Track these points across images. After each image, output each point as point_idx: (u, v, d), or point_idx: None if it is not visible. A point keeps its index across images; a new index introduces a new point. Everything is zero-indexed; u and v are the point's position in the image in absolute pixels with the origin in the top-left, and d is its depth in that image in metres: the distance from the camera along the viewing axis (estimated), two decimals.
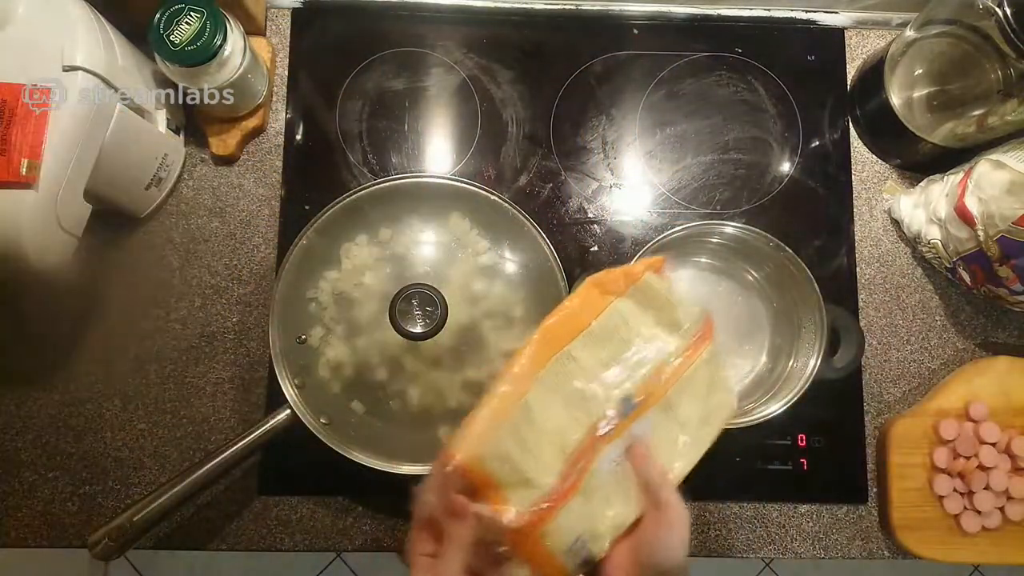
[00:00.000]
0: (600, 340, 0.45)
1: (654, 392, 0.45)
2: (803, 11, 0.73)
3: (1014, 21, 0.52)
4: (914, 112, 0.66)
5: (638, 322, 0.46)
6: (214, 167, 0.68)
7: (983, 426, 0.62)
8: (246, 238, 0.68)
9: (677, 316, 0.46)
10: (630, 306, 0.46)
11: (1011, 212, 0.54)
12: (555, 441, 0.42)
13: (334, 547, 0.64)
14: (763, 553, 0.65)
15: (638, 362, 0.45)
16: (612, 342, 0.45)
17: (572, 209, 0.69)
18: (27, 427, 0.64)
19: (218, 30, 0.57)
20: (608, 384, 0.44)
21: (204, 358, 0.65)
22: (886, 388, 0.67)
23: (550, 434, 0.42)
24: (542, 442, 0.42)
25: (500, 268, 0.60)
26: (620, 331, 0.45)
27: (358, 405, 0.58)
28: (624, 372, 0.45)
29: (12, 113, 0.49)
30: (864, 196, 0.70)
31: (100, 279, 0.65)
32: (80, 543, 0.62)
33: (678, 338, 0.46)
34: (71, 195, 0.53)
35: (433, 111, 0.70)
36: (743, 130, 0.71)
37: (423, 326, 0.53)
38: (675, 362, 0.46)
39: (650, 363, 0.45)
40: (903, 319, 0.68)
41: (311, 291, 0.59)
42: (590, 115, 0.71)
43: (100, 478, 0.63)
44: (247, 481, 0.64)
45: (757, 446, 0.65)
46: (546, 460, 0.42)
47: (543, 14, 0.72)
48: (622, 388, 0.44)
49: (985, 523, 0.61)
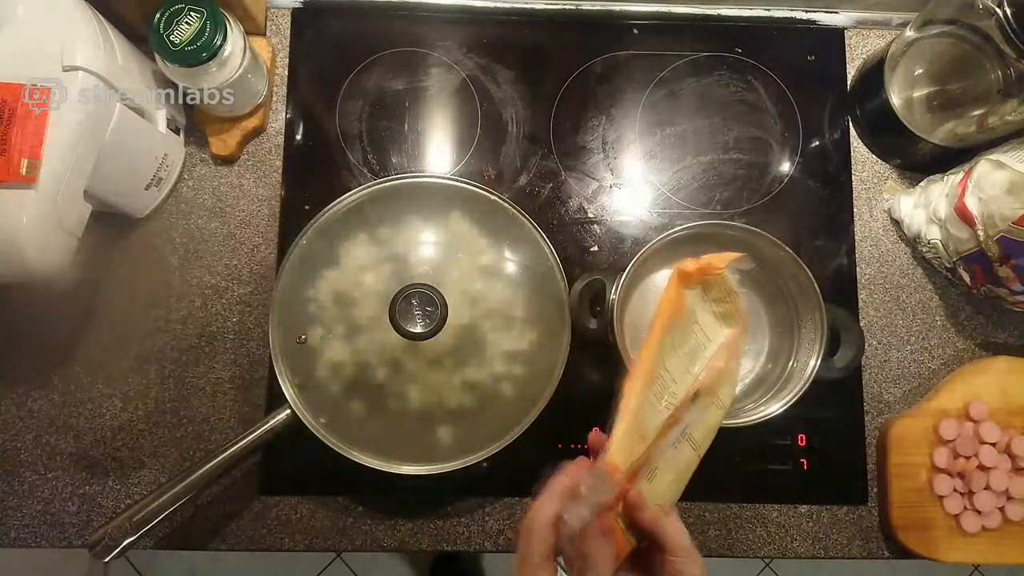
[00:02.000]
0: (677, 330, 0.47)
1: (712, 379, 0.46)
2: (803, 11, 0.73)
3: (1014, 21, 0.52)
4: (914, 112, 0.66)
5: (702, 311, 0.48)
6: (214, 167, 0.69)
7: (983, 426, 0.62)
8: (246, 238, 0.68)
9: (733, 308, 0.48)
10: (696, 296, 0.48)
11: (1011, 212, 0.54)
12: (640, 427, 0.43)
13: (334, 547, 0.64)
14: (763, 553, 0.65)
15: (698, 350, 0.47)
16: (680, 330, 0.47)
17: (572, 209, 0.69)
18: (27, 427, 0.64)
19: (218, 30, 0.57)
20: (678, 371, 0.46)
21: (204, 358, 0.65)
22: (886, 388, 0.67)
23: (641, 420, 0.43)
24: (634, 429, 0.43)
25: (500, 268, 0.60)
26: (690, 322, 0.47)
27: (358, 405, 0.58)
28: (689, 359, 0.47)
29: (12, 113, 0.49)
30: (864, 196, 0.70)
31: (100, 279, 0.65)
32: (80, 543, 0.62)
33: (728, 329, 0.49)
34: (71, 195, 0.53)
35: (433, 111, 0.70)
36: (743, 130, 0.71)
37: (423, 326, 0.53)
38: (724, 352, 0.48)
39: (708, 351, 0.47)
40: (903, 319, 0.68)
41: (311, 291, 0.59)
42: (590, 115, 0.71)
43: (100, 478, 0.63)
44: (247, 481, 0.64)
45: (757, 446, 0.65)
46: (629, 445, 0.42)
47: (543, 14, 0.72)
48: (689, 375, 0.46)
49: (985, 523, 0.61)
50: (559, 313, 0.60)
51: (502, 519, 0.64)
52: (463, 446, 0.57)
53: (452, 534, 0.64)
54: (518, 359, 0.58)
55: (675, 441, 0.45)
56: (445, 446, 0.57)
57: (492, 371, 0.58)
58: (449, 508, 0.64)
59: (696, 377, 0.46)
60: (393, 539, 0.63)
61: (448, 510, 0.64)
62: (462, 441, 0.57)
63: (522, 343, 0.58)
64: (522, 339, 0.58)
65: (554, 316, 0.60)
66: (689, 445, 0.46)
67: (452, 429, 0.58)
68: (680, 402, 0.45)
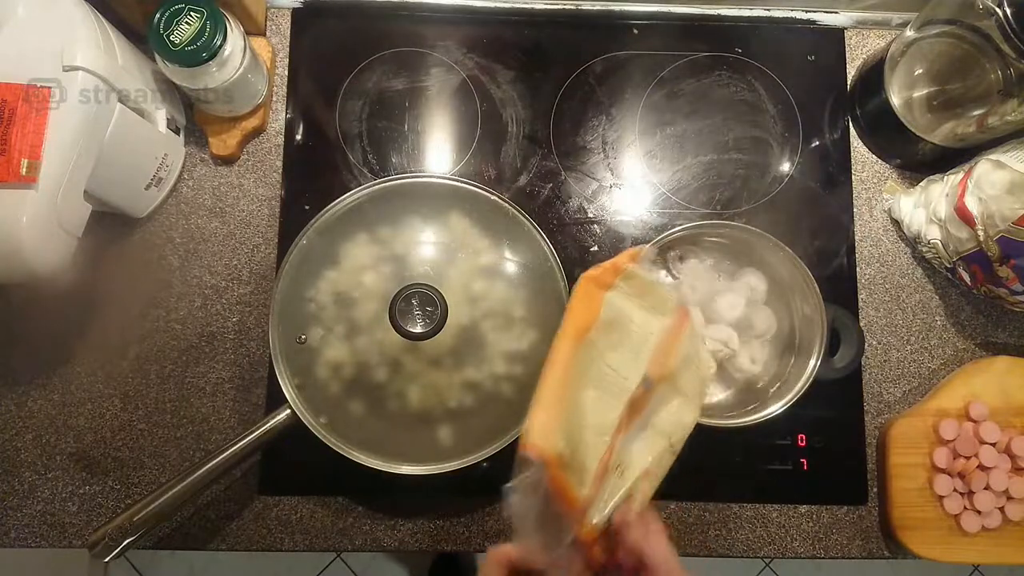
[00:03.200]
0: (607, 328, 0.49)
1: (663, 368, 0.49)
2: (803, 11, 0.73)
3: (1014, 21, 0.52)
4: (914, 112, 0.66)
5: (631, 308, 0.51)
6: (214, 167, 0.69)
7: (983, 426, 0.62)
8: (246, 238, 0.68)
9: (660, 298, 0.52)
10: (620, 296, 0.51)
11: (1011, 212, 0.54)
12: (594, 424, 0.46)
13: (334, 547, 0.64)
14: (763, 553, 0.65)
15: (640, 343, 0.50)
16: (616, 329, 0.50)
17: (572, 209, 0.69)
18: (27, 427, 0.64)
19: (218, 30, 0.57)
20: (624, 366, 0.48)
21: (204, 358, 0.65)
22: (886, 388, 0.67)
23: (590, 417, 0.46)
24: (585, 426, 0.46)
25: (500, 268, 0.60)
26: (620, 318, 0.50)
27: (358, 405, 0.57)
28: (632, 353, 0.49)
29: (12, 113, 0.49)
30: (864, 196, 0.70)
31: (100, 279, 0.65)
32: (80, 543, 0.62)
33: (665, 318, 0.51)
34: (71, 195, 0.53)
35: (433, 111, 0.70)
36: (743, 130, 0.71)
37: (423, 326, 0.53)
38: (669, 339, 0.50)
39: (650, 343, 0.50)
40: (903, 319, 0.68)
41: (311, 291, 0.59)
42: (590, 115, 0.71)
43: (100, 478, 0.63)
44: (247, 481, 0.64)
45: (757, 446, 0.65)
46: (590, 442, 0.45)
47: (543, 14, 0.72)
48: (637, 368, 0.48)
49: (985, 523, 0.61)
50: (559, 313, 0.59)
51: (502, 519, 0.64)
52: (463, 446, 0.57)
53: (452, 534, 0.64)
54: (518, 359, 0.58)
55: (640, 432, 0.48)
56: (445, 446, 0.57)
57: (492, 371, 0.58)
58: (449, 508, 0.64)
59: (645, 367, 0.48)
60: (393, 539, 0.63)
61: (448, 510, 0.64)
62: (462, 441, 0.57)
63: (522, 343, 0.58)
64: (522, 339, 0.58)
65: (554, 316, 0.59)
66: (659, 437, 0.49)
67: (452, 429, 0.58)
68: (634, 392, 0.47)
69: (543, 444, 0.43)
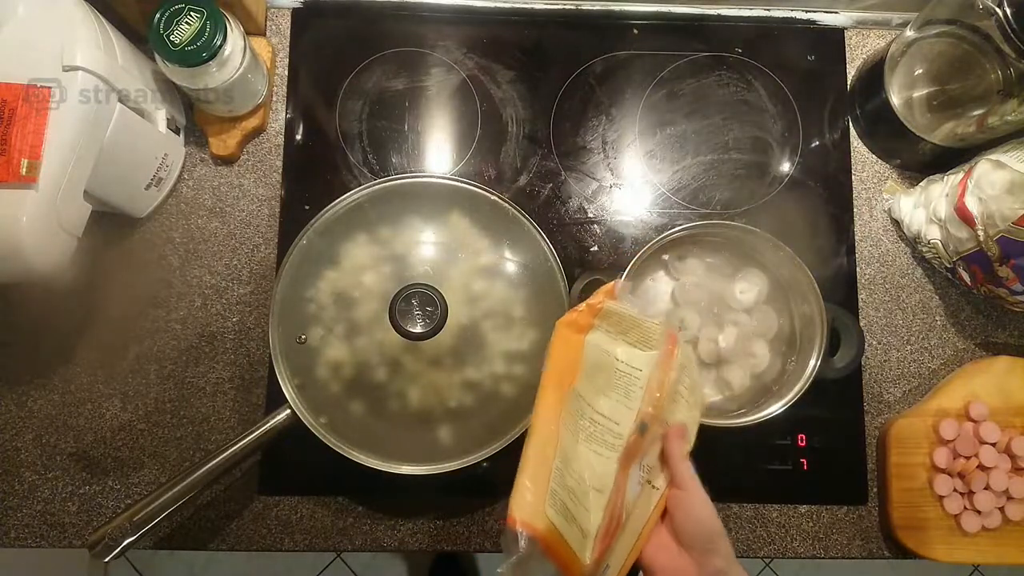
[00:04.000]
0: (592, 374, 0.46)
1: (655, 406, 0.45)
2: (803, 11, 0.73)
3: (1014, 21, 0.52)
4: (914, 112, 0.66)
5: (614, 347, 0.47)
6: (214, 167, 0.69)
7: (983, 426, 0.62)
8: (246, 238, 0.68)
9: (644, 331, 0.47)
10: (601, 336, 0.48)
11: (1011, 212, 0.54)
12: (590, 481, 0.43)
13: (334, 547, 0.64)
14: (763, 553, 0.65)
15: (630, 383, 0.45)
16: (601, 372, 0.46)
17: (572, 209, 0.69)
18: (27, 427, 0.64)
19: (218, 30, 0.57)
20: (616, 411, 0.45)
21: (204, 358, 0.65)
22: (886, 388, 0.67)
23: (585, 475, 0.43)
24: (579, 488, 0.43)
25: (500, 268, 0.60)
26: (604, 360, 0.46)
27: (358, 405, 0.58)
28: (623, 394, 0.45)
29: (12, 113, 0.49)
30: (864, 196, 0.70)
31: (100, 279, 0.65)
32: (80, 543, 0.62)
33: (652, 351, 0.46)
34: (71, 195, 0.53)
35: (433, 111, 0.70)
36: (743, 130, 0.71)
37: (423, 326, 0.53)
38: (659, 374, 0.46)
39: (641, 380, 0.45)
40: (903, 319, 0.68)
41: (311, 291, 0.59)
42: (590, 115, 0.71)
43: (100, 478, 0.63)
44: (247, 481, 0.64)
45: (757, 446, 0.65)
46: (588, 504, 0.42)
47: (543, 14, 0.72)
48: (630, 409, 0.44)
49: (985, 523, 0.61)
50: (559, 313, 0.59)
51: (502, 519, 0.64)
52: (463, 446, 0.57)
53: (452, 534, 0.64)
54: (518, 359, 0.58)
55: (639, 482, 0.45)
56: (445, 446, 0.57)
57: (492, 371, 0.58)
58: (449, 508, 0.64)
59: (638, 409, 0.44)
60: (393, 539, 0.63)
61: (448, 510, 0.64)
62: (462, 441, 0.57)
63: (522, 343, 0.58)
64: (522, 339, 0.58)
65: (554, 316, 0.59)
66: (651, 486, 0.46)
67: (452, 429, 0.58)
68: (628, 440, 0.44)
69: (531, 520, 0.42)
